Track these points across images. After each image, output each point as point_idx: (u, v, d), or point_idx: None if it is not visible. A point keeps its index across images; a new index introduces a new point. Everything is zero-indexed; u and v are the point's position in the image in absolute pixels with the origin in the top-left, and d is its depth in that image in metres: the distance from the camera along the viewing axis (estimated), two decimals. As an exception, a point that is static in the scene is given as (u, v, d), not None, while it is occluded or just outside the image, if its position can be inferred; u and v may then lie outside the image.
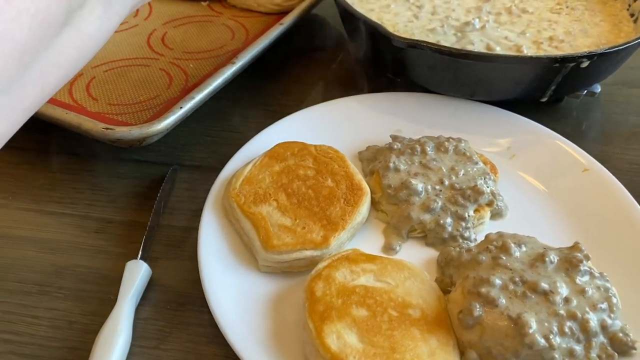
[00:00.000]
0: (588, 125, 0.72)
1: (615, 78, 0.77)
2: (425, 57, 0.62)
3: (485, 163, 0.59)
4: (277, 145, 0.59)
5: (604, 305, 0.45)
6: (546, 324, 0.43)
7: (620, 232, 0.54)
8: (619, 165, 0.65)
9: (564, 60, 0.59)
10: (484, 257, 0.49)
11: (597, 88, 0.70)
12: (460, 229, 0.54)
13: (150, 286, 0.52)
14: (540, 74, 0.61)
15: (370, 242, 0.55)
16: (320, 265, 0.49)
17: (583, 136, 0.70)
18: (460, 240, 0.54)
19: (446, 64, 0.62)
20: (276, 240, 0.51)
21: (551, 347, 0.42)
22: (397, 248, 0.54)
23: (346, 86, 0.74)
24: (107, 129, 0.53)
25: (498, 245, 0.49)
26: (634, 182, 0.62)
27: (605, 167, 0.59)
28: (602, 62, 0.62)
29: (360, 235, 0.55)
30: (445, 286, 0.50)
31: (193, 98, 0.58)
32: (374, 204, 0.58)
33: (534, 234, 0.51)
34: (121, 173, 0.63)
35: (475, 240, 0.54)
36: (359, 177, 0.57)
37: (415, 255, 0.54)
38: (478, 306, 0.45)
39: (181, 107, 0.56)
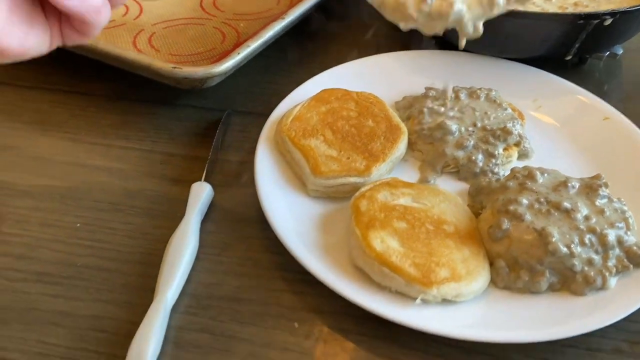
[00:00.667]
0: (610, 86, 0.77)
1: (638, 44, 0.82)
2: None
3: (513, 110, 0.65)
4: (322, 91, 0.65)
5: (621, 224, 0.51)
6: (567, 236, 0.49)
7: (638, 172, 0.59)
8: (638, 123, 0.69)
9: (588, 17, 0.64)
10: (511, 183, 0.54)
11: (619, 50, 0.75)
12: (490, 165, 0.59)
13: (212, 207, 0.58)
14: (566, 30, 0.66)
15: (408, 177, 0.61)
16: (364, 189, 0.55)
17: (605, 96, 0.74)
18: (490, 175, 0.59)
19: (478, 21, 0.67)
20: (324, 167, 0.57)
21: (572, 254, 0.48)
22: (432, 181, 0.60)
23: (382, 47, 0.80)
24: (175, 67, 0.60)
25: (524, 174, 0.55)
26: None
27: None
28: (624, 21, 0.66)
29: (398, 170, 0.61)
30: (476, 211, 0.56)
31: (249, 46, 0.64)
32: (410, 144, 0.63)
33: (558, 174, 0.57)
34: (181, 117, 0.69)
35: (504, 176, 0.59)
36: (397, 119, 0.63)
37: (448, 187, 0.59)
38: (506, 221, 0.50)
39: (238, 53, 0.63)
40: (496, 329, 0.47)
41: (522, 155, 0.62)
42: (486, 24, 0.67)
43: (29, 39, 0.34)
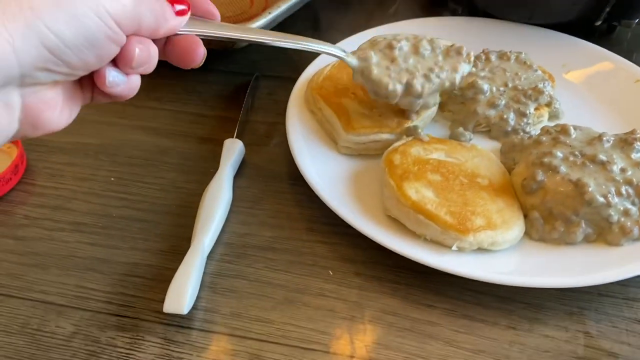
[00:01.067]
0: (638, 55, 0.77)
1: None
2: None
3: (543, 72, 0.65)
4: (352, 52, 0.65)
5: (657, 178, 0.50)
6: (604, 187, 0.49)
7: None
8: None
9: (620, -22, 0.63)
10: (545, 138, 0.54)
11: (649, 17, 0.74)
12: (522, 124, 0.59)
13: (243, 164, 0.59)
14: (597, -8, 0.66)
15: (439, 136, 0.61)
16: (396, 144, 0.55)
17: (635, 63, 0.74)
18: (521, 134, 0.59)
19: (508, -16, 0.67)
20: (356, 123, 0.57)
21: (608, 204, 0.48)
22: (465, 137, 0.59)
23: (412, 13, 0.80)
24: (208, 25, 0.60)
25: (557, 130, 0.55)
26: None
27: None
28: (656, -16, 0.66)
29: (429, 130, 0.61)
30: (509, 167, 0.56)
31: (279, 7, 0.64)
32: (440, 106, 0.63)
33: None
34: (210, 80, 0.70)
35: (535, 134, 0.59)
36: (427, 80, 0.63)
37: (481, 146, 0.59)
38: (541, 172, 0.50)
39: (270, 13, 0.63)
40: (531, 275, 0.47)
41: (553, 116, 0.62)
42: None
43: (72, 116, 0.35)
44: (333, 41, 0.69)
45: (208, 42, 0.64)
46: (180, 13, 0.36)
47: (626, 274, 0.46)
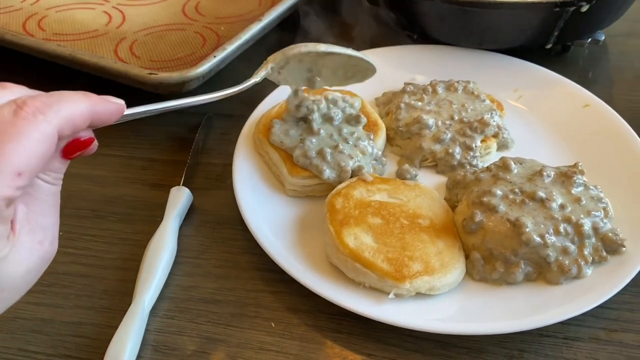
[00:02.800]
0: (594, 72, 0.77)
1: (621, 29, 0.81)
2: (436, 9, 0.68)
3: (492, 101, 0.65)
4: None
5: (598, 212, 0.50)
6: (542, 226, 0.49)
7: (618, 157, 0.58)
8: (622, 106, 0.68)
9: (564, 4, 0.63)
10: (485, 175, 0.54)
11: (601, 36, 0.74)
12: (468, 157, 0.59)
13: (192, 211, 0.59)
14: (543, 18, 0.66)
15: (387, 173, 0.61)
16: (340, 186, 0.55)
17: (589, 82, 0.74)
18: (468, 167, 0.59)
19: (455, 14, 0.67)
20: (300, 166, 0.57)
21: (545, 244, 0.48)
22: (410, 174, 0.59)
23: (366, 44, 0.80)
24: (151, 74, 0.60)
25: (499, 165, 0.55)
26: (635, 120, 0.66)
27: (610, 105, 0.64)
28: (601, 7, 0.66)
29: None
30: (452, 204, 0.56)
31: (225, 49, 0.65)
32: (389, 140, 0.63)
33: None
34: (161, 122, 0.70)
35: (482, 167, 0.59)
36: (375, 115, 0.63)
37: (427, 181, 0.59)
38: (479, 213, 0.50)
39: (215, 56, 0.63)
40: (471, 321, 0.46)
41: (502, 146, 0.62)
42: (464, 17, 0.68)
43: None
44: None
45: (155, 87, 0.65)
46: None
47: (565, 315, 0.46)
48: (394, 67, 0.72)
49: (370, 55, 0.73)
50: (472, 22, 0.68)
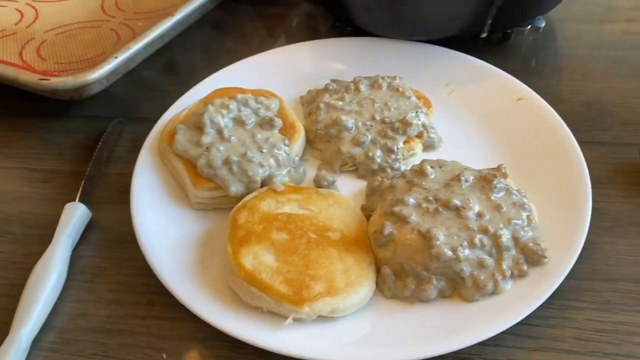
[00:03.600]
0: (537, 61, 0.72)
1: (566, 14, 0.77)
2: (361, -2, 0.63)
3: (419, 98, 0.60)
4: (214, 91, 0.60)
5: (519, 221, 0.46)
6: (455, 237, 0.44)
7: (548, 156, 0.54)
8: (562, 96, 0.65)
9: (493, -10, 0.59)
10: (400, 182, 0.50)
11: (541, 23, 0.70)
12: (390, 161, 0.55)
13: (91, 228, 0.54)
14: (473, 5, 0.61)
15: (307, 180, 0.56)
16: (247, 198, 0.51)
17: (531, 72, 0.70)
18: (390, 171, 0.55)
19: (379, 3, 0.63)
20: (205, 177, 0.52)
21: (457, 258, 0.44)
22: (328, 181, 0.55)
23: (293, 37, 0.75)
24: (42, 79, 0.55)
25: (415, 169, 0.50)
26: (574, 111, 0.63)
27: (547, 98, 0.59)
28: (533, -8, 0.62)
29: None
30: (369, 214, 0.51)
31: (129, 48, 0.59)
32: (309, 142, 0.59)
33: (466, 163, 0.52)
34: (71, 128, 0.65)
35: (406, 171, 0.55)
36: (293, 117, 0.59)
37: (348, 187, 0.55)
38: (389, 224, 0.46)
39: (116, 57, 0.58)
40: (378, 345, 0.43)
41: (428, 146, 0.58)
42: (390, 5, 0.63)
43: None
44: (194, 82, 0.64)
45: (52, 92, 0.60)
46: None
47: (479, 337, 0.42)
48: (321, 61, 0.68)
49: (295, 49, 0.69)
50: (400, 12, 0.63)
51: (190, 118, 0.56)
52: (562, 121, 0.56)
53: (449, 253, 0.43)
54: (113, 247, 0.52)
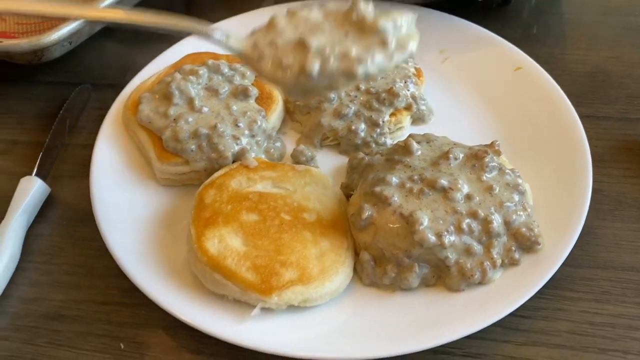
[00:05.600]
0: (539, 28, 0.67)
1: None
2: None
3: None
4: (186, 56, 0.56)
5: (511, 204, 0.42)
6: (441, 222, 0.40)
7: (545, 131, 0.50)
8: (565, 66, 0.60)
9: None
10: (381, 159, 0.45)
11: (544, -16, 0.65)
12: (375, 135, 0.51)
13: (50, 204, 0.50)
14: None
15: (287, 155, 0.52)
16: (216, 174, 0.47)
17: (532, 39, 0.65)
18: (374, 147, 0.50)
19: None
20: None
21: (442, 245, 0.40)
22: (306, 156, 0.51)
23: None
24: (-7, 41, 0.50)
25: (400, 145, 0.46)
26: (577, 82, 0.58)
27: (549, 68, 0.55)
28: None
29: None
30: (349, 193, 0.47)
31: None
32: (289, 114, 0.54)
33: (458, 138, 0.48)
34: (34, 95, 0.60)
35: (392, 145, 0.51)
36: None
37: (328, 163, 0.51)
38: (367, 207, 0.42)
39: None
40: (355, 339, 0.39)
41: (418, 119, 0.53)
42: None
43: None
44: (167, 46, 0.59)
45: (7, 55, 0.55)
46: None
47: (463, 331, 0.38)
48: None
49: (273, 11, 0.63)
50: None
51: (157, 86, 0.51)
52: (562, 93, 0.52)
53: (433, 239, 0.39)
54: (73, 225, 0.49)
